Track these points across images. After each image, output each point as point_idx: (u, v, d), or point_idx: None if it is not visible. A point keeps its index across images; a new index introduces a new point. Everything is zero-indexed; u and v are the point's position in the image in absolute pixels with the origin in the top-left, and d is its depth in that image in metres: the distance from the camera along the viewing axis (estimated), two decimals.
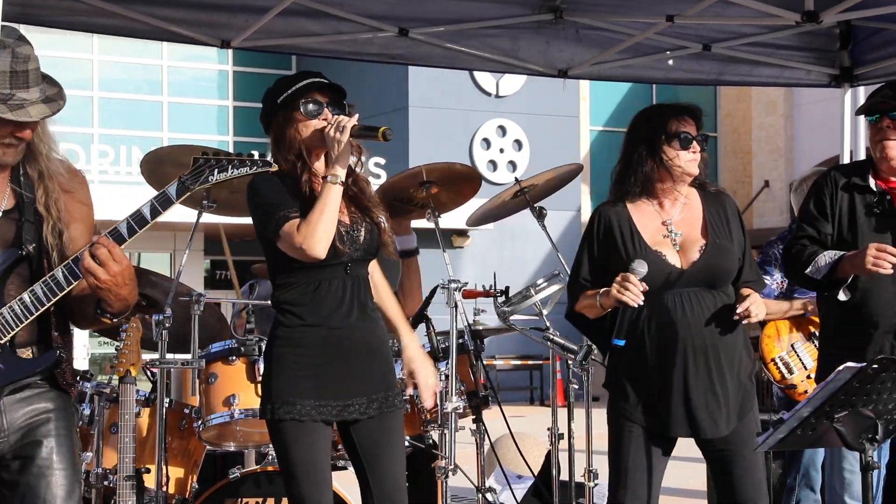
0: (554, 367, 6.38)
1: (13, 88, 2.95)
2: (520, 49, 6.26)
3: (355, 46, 6.14)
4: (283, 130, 3.79)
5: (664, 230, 3.97)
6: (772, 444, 3.29)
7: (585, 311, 4.02)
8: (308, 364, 3.71)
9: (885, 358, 3.15)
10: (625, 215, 3.99)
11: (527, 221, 5.69)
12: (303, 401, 3.68)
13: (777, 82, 6.95)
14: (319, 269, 3.72)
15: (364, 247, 3.80)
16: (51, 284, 2.96)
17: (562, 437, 5.53)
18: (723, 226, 4.00)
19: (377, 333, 3.84)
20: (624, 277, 3.77)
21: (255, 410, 4.70)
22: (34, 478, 3.05)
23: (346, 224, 3.79)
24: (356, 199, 3.86)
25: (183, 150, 5.11)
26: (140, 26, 5.64)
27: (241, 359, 4.76)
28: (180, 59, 22.96)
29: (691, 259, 3.92)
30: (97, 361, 18.73)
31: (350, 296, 3.76)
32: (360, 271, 3.82)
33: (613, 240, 3.96)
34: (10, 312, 2.96)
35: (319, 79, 3.81)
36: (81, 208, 3.19)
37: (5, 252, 3.03)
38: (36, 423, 3.07)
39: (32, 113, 2.98)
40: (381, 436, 3.79)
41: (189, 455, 4.99)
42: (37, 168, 3.11)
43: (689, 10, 5.71)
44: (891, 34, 6.03)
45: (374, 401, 3.77)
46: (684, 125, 3.96)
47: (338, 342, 3.73)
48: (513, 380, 20.04)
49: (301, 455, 3.70)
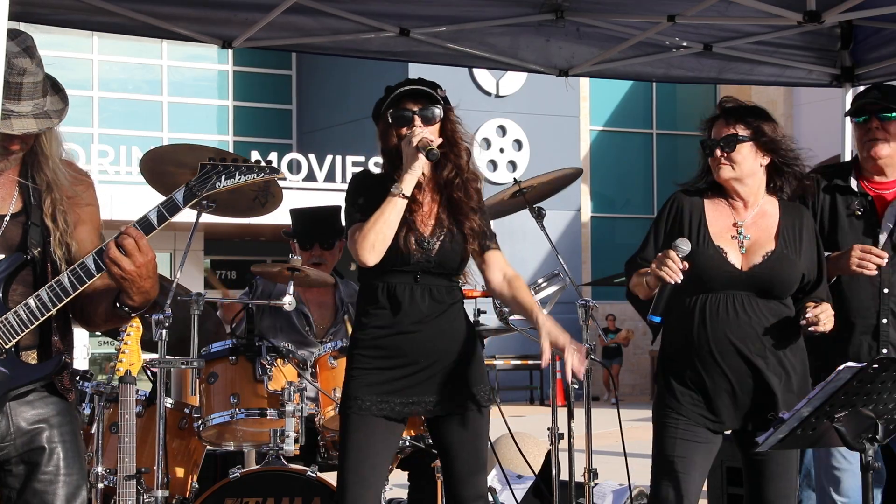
0: (554, 367, 6.37)
1: (5, 100, 2.93)
2: (520, 48, 6.26)
3: (356, 46, 6.14)
4: (382, 137, 3.92)
5: (734, 230, 3.94)
6: (772, 444, 3.29)
7: (637, 290, 3.98)
8: (374, 366, 3.78)
9: (885, 358, 3.16)
10: (698, 206, 3.97)
11: (527, 221, 5.69)
12: (365, 397, 3.76)
13: (778, 82, 6.94)
14: (390, 275, 3.79)
15: (437, 259, 3.82)
16: (56, 290, 2.96)
17: (562, 437, 5.52)
18: (795, 238, 3.97)
19: (450, 334, 3.84)
20: (664, 254, 3.72)
21: (256, 410, 4.71)
22: (42, 484, 3.06)
23: (421, 234, 3.82)
24: (456, 206, 3.87)
25: (183, 149, 5.11)
26: (141, 25, 5.64)
27: (241, 359, 4.75)
28: (180, 59, 22.97)
29: (753, 263, 3.89)
30: (97, 361, 18.74)
31: (419, 301, 3.79)
32: (433, 282, 3.83)
33: (681, 227, 3.93)
34: (15, 317, 2.96)
35: (413, 86, 3.86)
36: (88, 209, 3.19)
37: (11, 256, 3.03)
38: (40, 428, 3.07)
39: (15, 126, 2.96)
40: (457, 435, 3.83)
41: (189, 455, 4.99)
42: (43, 177, 3.10)
43: (691, 10, 5.71)
44: (892, 34, 6.02)
45: (446, 400, 3.80)
46: (714, 131, 3.96)
47: (403, 344, 3.78)
48: (513, 380, 20.07)
49: (354, 447, 3.76)
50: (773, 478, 3.87)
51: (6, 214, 3.06)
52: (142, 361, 4.64)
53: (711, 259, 3.86)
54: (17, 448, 3.04)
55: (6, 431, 3.03)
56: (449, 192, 3.87)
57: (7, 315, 2.95)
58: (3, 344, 2.94)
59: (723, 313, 3.84)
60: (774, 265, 3.89)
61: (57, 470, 3.07)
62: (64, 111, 3.07)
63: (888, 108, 4.36)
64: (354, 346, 3.85)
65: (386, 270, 3.78)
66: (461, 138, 3.90)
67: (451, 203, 3.87)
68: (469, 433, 3.84)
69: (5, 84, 2.92)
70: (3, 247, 3.04)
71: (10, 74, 2.95)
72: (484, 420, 3.89)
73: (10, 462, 3.05)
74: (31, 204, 3.09)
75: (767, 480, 3.87)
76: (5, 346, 2.95)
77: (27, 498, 3.05)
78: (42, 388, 3.09)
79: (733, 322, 3.83)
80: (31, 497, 3.05)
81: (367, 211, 3.75)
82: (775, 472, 3.87)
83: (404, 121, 3.83)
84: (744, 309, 3.84)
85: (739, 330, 3.82)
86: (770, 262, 3.89)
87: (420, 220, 3.83)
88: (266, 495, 4.68)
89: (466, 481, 3.84)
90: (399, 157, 3.83)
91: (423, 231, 3.82)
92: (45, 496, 3.05)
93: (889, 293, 4.32)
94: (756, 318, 3.84)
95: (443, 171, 3.87)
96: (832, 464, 4.42)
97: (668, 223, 3.98)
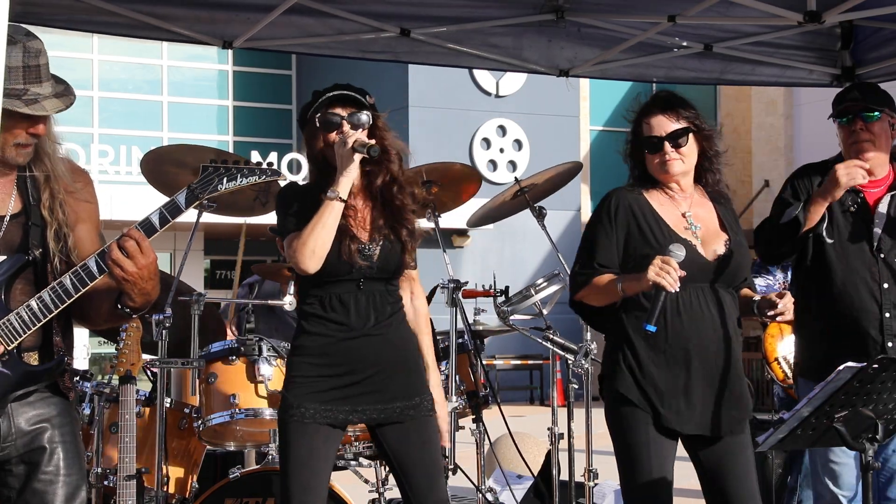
0: (554, 366, 6.39)
1: (27, 83, 2.95)
2: (522, 49, 6.26)
3: (357, 46, 6.14)
4: (308, 143, 3.87)
5: (684, 221, 3.85)
6: (772, 444, 3.29)
7: (593, 298, 3.84)
8: (319, 373, 3.75)
9: (885, 358, 3.16)
10: (644, 202, 3.84)
11: (527, 221, 5.70)
12: (308, 405, 3.72)
13: (779, 82, 6.94)
14: (332, 283, 3.76)
15: (379, 265, 3.79)
16: (59, 291, 2.95)
17: (562, 437, 5.53)
18: (735, 222, 3.94)
19: (395, 342, 3.83)
20: (665, 260, 3.60)
21: (255, 410, 4.71)
22: (42, 484, 3.06)
23: (361, 240, 3.79)
24: (396, 212, 3.83)
25: (182, 149, 5.12)
26: (141, 26, 5.64)
27: (241, 359, 4.76)
28: (180, 59, 22.96)
29: (717, 253, 3.82)
30: (97, 361, 18.74)
31: (365, 307, 3.77)
32: (375, 287, 3.81)
33: (635, 225, 3.80)
34: (17, 319, 2.95)
35: (341, 91, 3.83)
36: (87, 207, 3.18)
37: (12, 257, 3.02)
38: (41, 428, 3.07)
39: (48, 107, 2.97)
40: (409, 441, 3.80)
41: (189, 455, 4.99)
42: (42, 169, 3.09)
43: (691, 10, 5.71)
44: (892, 34, 6.02)
45: (388, 409, 3.78)
46: (654, 126, 3.82)
47: (348, 351, 3.75)
48: (513, 380, 20.05)
49: (296, 455, 3.73)
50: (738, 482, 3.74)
51: (6, 215, 3.06)
52: (142, 361, 4.64)
53: (688, 252, 3.71)
54: (17, 448, 3.04)
55: (7, 432, 3.03)
56: (388, 198, 3.83)
57: (9, 317, 2.95)
58: (6, 345, 2.93)
59: (696, 307, 3.74)
60: (737, 254, 3.83)
61: (57, 470, 3.07)
62: (70, 88, 3.07)
63: (870, 108, 4.36)
64: (297, 353, 3.81)
65: (328, 280, 3.75)
66: (391, 145, 3.85)
67: (390, 209, 3.83)
68: (422, 440, 3.82)
69: (26, 68, 2.94)
70: (4, 248, 3.03)
71: (28, 58, 2.95)
72: (432, 428, 3.87)
73: (10, 462, 3.04)
74: (31, 204, 3.08)
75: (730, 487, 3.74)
76: (7, 347, 2.94)
77: (27, 498, 3.05)
78: (44, 388, 3.09)
79: (706, 317, 3.74)
80: (31, 497, 3.05)
81: (302, 218, 3.70)
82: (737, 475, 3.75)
83: (332, 125, 3.79)
84: (715, 302, 3.75)
85: (710, 325, 3.74)
86: (732, 251, 3.83)
87: (357, 227, 3.80)
88: (266, 495, 4.69)
89: (429, 488, 3.80)
90: (326, 163, 3.80)
91: (362, 237, 3.80)
92: (44, 496, 3.05)
93: (889, 288, 4.33)
94: (723, 311, 3.76)
95: (375, 178, 3.83)
96: (830, 458, 4.42)
97: (618, 222, 3.81)
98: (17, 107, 2.92)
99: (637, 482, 3.70)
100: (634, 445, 3.71)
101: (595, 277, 3.79)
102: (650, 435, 3.71)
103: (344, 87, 3.85)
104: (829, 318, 4.37)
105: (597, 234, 3.84)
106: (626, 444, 3.74)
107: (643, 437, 3.71)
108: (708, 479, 3.80)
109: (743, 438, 3.81)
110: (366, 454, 4.86)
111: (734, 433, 3.78)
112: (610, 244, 3.81)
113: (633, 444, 3.72)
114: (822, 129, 5.49)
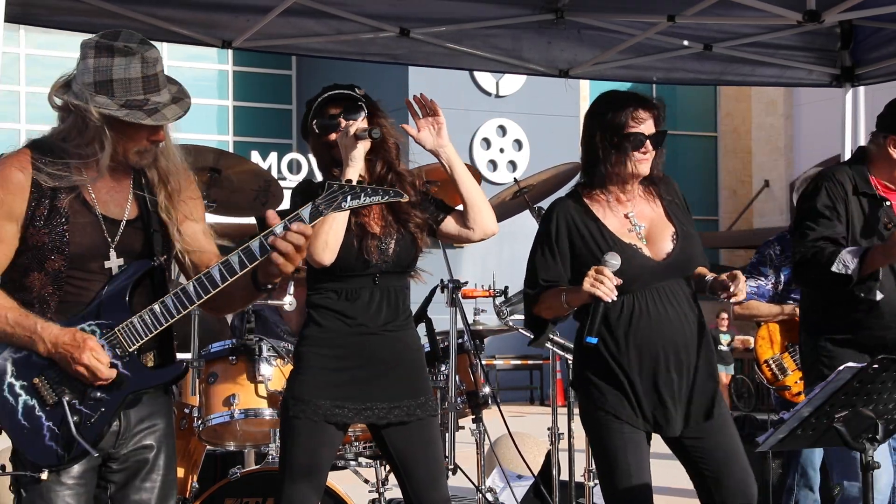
0: (554, 366, 6.38)
1: (147, 93, 2.99)
2: (521, 49, 6.27)
3: (357, 47, 6.15)
4: (317, 153, 3.92)
5: (628, 223, 3.79)
6: (772, 444, 3.29)
7: (544, 313, 3.83)
8: (329, 365, 3.76)
9: (885, 358, 3.15)
10: (585, 210, 3.79)
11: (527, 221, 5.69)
12: (318, 400, 3.73)
13: (778, 82, 6.96)
14: (348, 278, 3.78)
15: (393, 259, 3.82)
16: (181, 297, 2.97)
17: (562, 437, 5.53)
18: (682, 212, 3.87)
19: (406, 341, 3.86)
20: (598, 270, 3.54)
21: (256, 410, 4.71)
22: (142, 481, 3.10)
23: (375, 234, 3.81)
24: (395, 205, 3.81)
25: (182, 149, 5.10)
26: (141, 26, 5.63)
27: (242, 358, 4.76)
28: (180, 59, 22.95)
29: (664, 251, 3.76)
30: None
31: (378, 304, 3.80)
32: (391, 283, 3.83)
33: (579, 236, 3.76)
34: (140, 322, 2.97)
35: (331, 92, 3.86)
36: (193, 204, 3.20)
37: (138, 262, 3.05)
38: (150, 426, 3.11)
39: (168, 115, 3.01)
40: (412, 442, 3.81)
41: (189, 455, 4.99)
42: (155, 169, 3.12)
43: (691, 10, 5.71)
44: (892, 34, 6.03)
45: (397, 407, 3.80)
46: (639, 123, 3.75)
47: (361, 347, 3.77)
48: (513, 380, 20.04)
49: (301, 455, 3.74)
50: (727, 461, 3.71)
51: (122, 220, 3.08)
52: None
53: (632, 258, 3.67)
54: (126, 446, 3.08)
55: (121, 431, 3.06)
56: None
57: (132, 319, 2.97)
58: (127, 347, 2.97)
59: (653, 310, 3.69)
60: (685, 247, 3.78)
61: (158, 468, 3.12)
62: (183, 89, 3.11)
63: None
64: (307, 343, 3.81)
65: (346, 274, 3.77)
66: (389, 133, 3.89)
67: (391, 206, 3.83)
68: (425, 439, 3.83)
69: (146, 79, 2.97)
70: (122, 252, 3.06)
71: (146, 67, 2.99)
72: (436, 427, 3.90)
73: (116, 460, 3.08)
74: (148, 208, 3.10)
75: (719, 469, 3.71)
76: (128, 349, 2.97)
77: (128, 493, 3.09)
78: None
79: (663, 318, 3.69)
80: (133, 493, 3.09)
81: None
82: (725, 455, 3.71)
83: (331, 126, 3.83)
84: (670, 301, 3.71)
85: (670, 324, 3.70)
86: (680, 246, 3.77)
87: (372, 224, 3.83)
88: (266, 495, 4.69)
89: (431, 486, 3.82)
90: (337, 164, 3.81)
91: (377, 232, 3.82)
92: (142, 493, 3.10)
93: None
94: (682, 307, 3.73)
95: (375, 168, 3.86)
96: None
97: (559, 237, 3.77)
98: (140, 119, 2.95)
99: (618, 487, 3.70)
100: (611, 450, 3.71)
101: (542, 293, 3.78)
102: (625, 438, 3.70)
103: (331, 87, 3.89)
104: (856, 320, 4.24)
105: (539, 253, 3.83)
106: (603, 448, 3.74)
107: (618, 441, 3.70)
108: (696, 467, 3.76)
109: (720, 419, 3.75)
110: (366, 454, 4.86)
111: (709, 417, 3.74)
112: (554, 260, 3.78)
113: (609, 448, 3.71)
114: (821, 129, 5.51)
